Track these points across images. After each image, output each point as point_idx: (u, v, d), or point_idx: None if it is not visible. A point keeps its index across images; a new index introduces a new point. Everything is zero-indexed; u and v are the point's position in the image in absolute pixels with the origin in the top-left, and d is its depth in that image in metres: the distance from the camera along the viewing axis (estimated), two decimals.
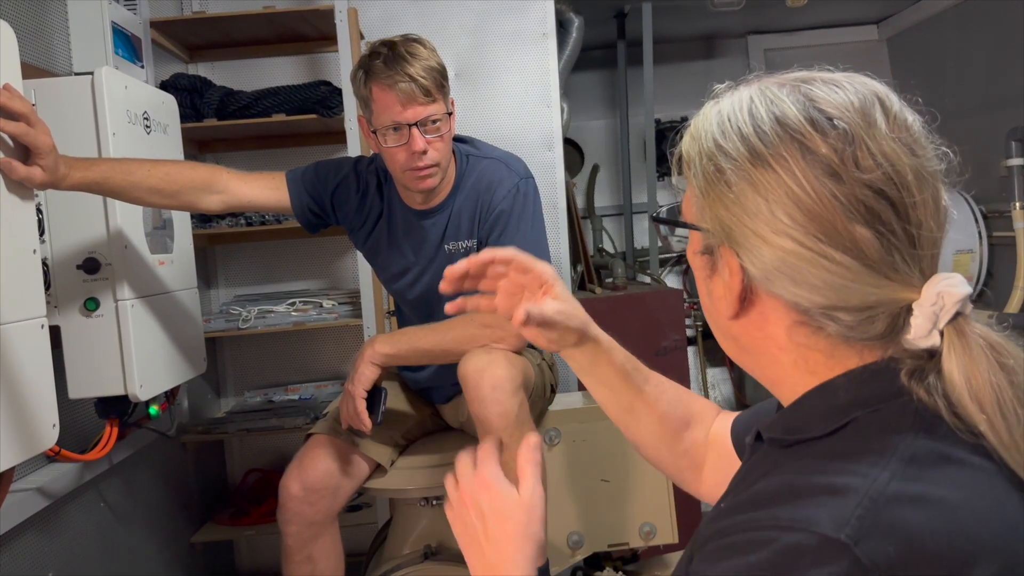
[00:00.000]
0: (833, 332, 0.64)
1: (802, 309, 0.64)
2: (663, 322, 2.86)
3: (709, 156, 0.66)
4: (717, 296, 0.70)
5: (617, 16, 3.76)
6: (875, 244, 0.60)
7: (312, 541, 1.75)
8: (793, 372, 0.67)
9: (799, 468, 0.60)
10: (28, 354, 1.31)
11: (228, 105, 2.47)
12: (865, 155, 0.60)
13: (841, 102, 0.63)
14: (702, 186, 0.67)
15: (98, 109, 1.65)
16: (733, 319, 0.69)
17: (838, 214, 0.60)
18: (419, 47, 1.61)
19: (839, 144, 0.61)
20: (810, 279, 0.61)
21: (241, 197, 1.73)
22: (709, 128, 0.67)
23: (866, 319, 0.62)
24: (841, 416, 0.62)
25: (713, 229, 0.67)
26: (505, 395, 1.56)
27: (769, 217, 0.62)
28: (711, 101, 0.70)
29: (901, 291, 0.61)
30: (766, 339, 0.68)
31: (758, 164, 0.63)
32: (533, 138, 2.69)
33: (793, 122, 0.63)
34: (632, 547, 2.02)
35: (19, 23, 1.77)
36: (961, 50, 3.45)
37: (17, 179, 1.31)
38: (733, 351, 0.74)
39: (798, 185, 0.61)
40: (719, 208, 0.65)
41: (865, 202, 0.60)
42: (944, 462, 0.58)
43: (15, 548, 1.64)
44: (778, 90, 0.65)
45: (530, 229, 1.73)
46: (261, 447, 2.83)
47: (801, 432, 0.65)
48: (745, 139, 0.64)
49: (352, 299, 2.58)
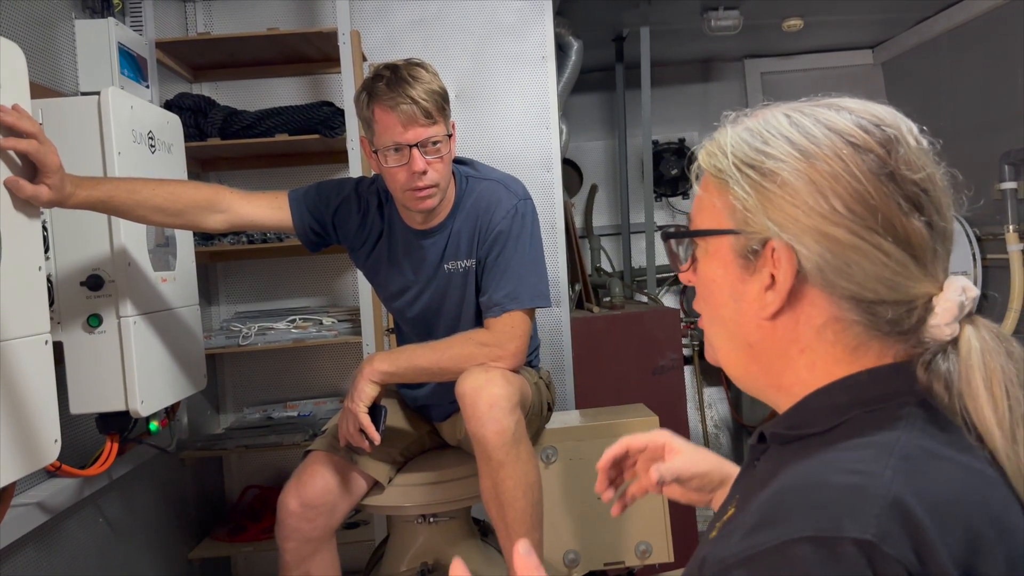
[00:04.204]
0: (867, 327, 0.67)
1: (845, 304, 0.67)
2: (660, 341, 2.88)
3: (751, 163, 0.69)
4: (750, 299, 0.71)
5: (615, 39, 3.81)
6: (925, 236, 0.65)
7: (310, 558, 1.76)
8: (807, 376, 0.70)
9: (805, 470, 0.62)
10: (31, 370, 1.32)
11: (231, 125, 2.49)
12: (911, 157, 0.67)
13: (880, 113, 0.69)
14: (747, 191, 0.69)
15: (104, 128, 1.67)
16: (768, 319, 0.70)
17: (894, 207, 0.65)
18: (421, 71, 1.64)
19: (890, 146, 0.66)
20: (864, 271, 0.66)
21: (244, 216, 1.75)
22: (741, 141, 0.71)
23: (906, 312, 0.67)
24: (840, 414, 0.66)
25: (763, 228, 0.69)
26: (502, 413, 1.58)
27: (828, 210, 0.66)
28: (728, 125, 0.74)
29: (932, 285, 0.67)
30: (791, 341, 0.70)
31: (814, 162, 0.67)
32: (532, 159, 2.73)
33: (843, 128, 0.67)
34: (628, 566, 2.02)
35: (27, 44, 1.80)
36: (955, 74, 3.49)
37: (24, 197, 1.33)
38: (741, 363, 0.75)
39: (855, 179, 0.65)
40: (771, 208, 0.68)
41: (915, 199, 0.66)
42: (936, 458, 0.61)
43: (14, 563, 1.65)
44: (814, 107, 0.71)
45: (528, 249, 1.75)
46: (260, 463, 2.84)
47: (802, 428, 0.68)
48: (794, 143, 0.68)
49: (352, 317, 2.60)
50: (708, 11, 3.34)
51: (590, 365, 2.80)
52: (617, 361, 2.84)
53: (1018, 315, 3.02)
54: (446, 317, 1.82)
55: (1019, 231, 3.03)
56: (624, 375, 2.82)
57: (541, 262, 1.78)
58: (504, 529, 1.64)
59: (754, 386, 0.75)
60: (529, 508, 1.62)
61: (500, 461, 1.59)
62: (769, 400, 0.75)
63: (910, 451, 0.61)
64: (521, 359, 1.73)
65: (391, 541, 1.95)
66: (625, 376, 2.82)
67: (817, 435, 0.67)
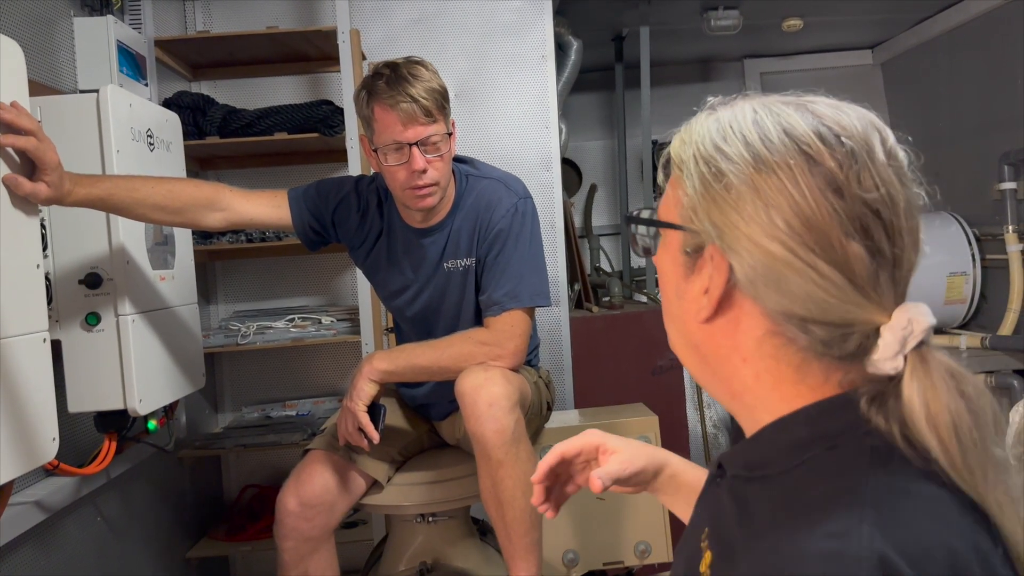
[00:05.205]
0: (805, 346, 0.64)
1: (779, 318, 0.64)
2: (659, 341, 2.84)
3: (707, 159, 0.67)
4: (690, 298, 0.70)
5: (615, 39, 3.81)
6: (865, 261, 0.61)
7: (308, 557, 1.75)
8: (755, 386, 0.68)
9: (779, 542, 0.59)
10: (29, 368, 1.32)
11: (230, 123, 2.49)
12: (867, 175, 0.62)
13: (846, 123, 0.64)
14: (696, 187, 0.67)
15: (103, 126, 1.67)
16: (704, 323, 0.69)
17: (835, 228, 0.61)
18: (421, 69, 1.64)
19: (845, 161, 0.62)
20: (794, 288, 0.62)
21: (243, 214, 1.75)
22: (707, 133, 0.68)
23: (840, 336, 0.63)
24: (800, 452, 0.63)
25: (703, 229, 0.67)
26: (502, 412, 1.58)
27: (766, 222, 0.62)
28: (705, 111, 0.71)
29: (877, 313, 0.62)
30: (732, 348, 0.68)
31: (762, 169, 0.64)
32: (532, 158, 2.72)
33: (801, 134, 0.64)
34: (627, 565, 2.02)
35: (26, 41, 1.80)
36: (954, 75, 3.49)
37: (23, 195, 1.33)
38: (692, 361, 0.74)
39: (800, 194, 0.62)
40: (714, 209, 0.66)
41: (862, 220, 0.61)
42: (904, 496, 0.59)
43: (12, 562, 1.64)
44: (783, 105, 0.67)
45: (528, 248, 1.75)
46: (258, 463, 2.83)
47: (761, 468, 0.66)
48: (749, 145, 0.65)
49: (351, 315, 2.59)
50: (708, 11, 3.33)
51: (589, 365, 2.79)
52: (616, 361, 2.84)
53: (1017, 315, 3.03)
54: (445, 316, 1.81)
55: (1018, 231, 3.03)
56: (623, 375, 2.82)
57: (541, 261, 1.78)
58: (503, 528, 1.63)
59: (709, 388, 0.74)
60: (528, 507, 1.62)
61: (499, 460, 1.58)
62: (725, 406, 0.73)
63: (880, 496, 0.58)
64: (521, 358, 1.73)
65: (390, 540, 1.95)
66: (624, 376, 2.82)
67: (777, 476, 0.64)
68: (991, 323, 3.18)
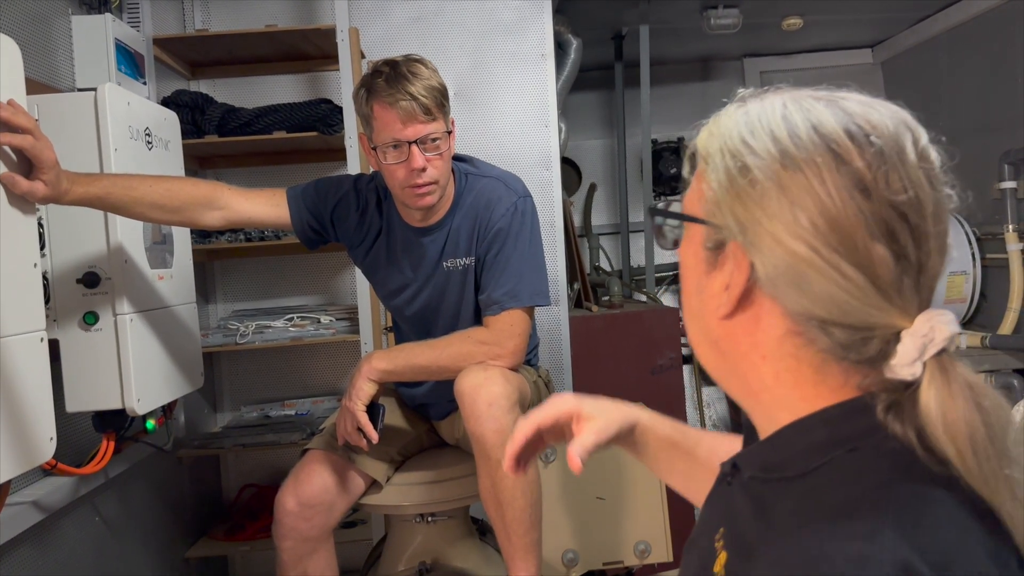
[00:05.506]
0: (824, 347, 0.63)
1: (800, 319, 0.63)
2: (659, 340, 2.88)
3: (734, 153, 0.65)
4: (711, 294, 0.69)
5: (615, 38, 3.81)
6: (889, 265, 0.60)
7: (307, 557, 1.75)
8: (774, 385, 0.67)
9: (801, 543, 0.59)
10: (27, 367, 1.31)
11: (229, 122, 2.48)
12: (896, 177, 0.61)
13: (877, 121, 0.63)
14: (722, 181, 0.66)
15: (101, 125, 1.66)
16: (725, 319, 0.68)
17: (860, 229, 0.60)
18: (420, 67, 1.63)
19: (874, 161, 0.61)
20: (816, 289, 0.61)
21: (242, 213, 1.74)
22: (735, 126, 0.67)
23: (860, 340, 0.62)
24: (820, 455, 0.62)
25: (726, 224, 0.66)
26: (501, 412, 1.57)
27: (790, 220, 0.61)
28: (735, 104, 0.70)
29: (899, 317, 0.61)
30: (751, 346, 0.67)
31: (788, 166, 0.62)
32: (531, 157, 2.72)
33: (830, 132, 0.62)
34: (627, 565, 2.02)
35: (24, 39, 1.79)
36: (955, 73, 3.49)
37: (20, 193, 1.32)
38: (710, 357, 0.73)
39: (826, 193, 0.60)
40: (738, 205, 0.65)
41: (888, 222, 0.60)
42: (925, 502, 0.58)
43: (10, 562, 1.64)
44: (814, 101, 0.65)
45: (527, 247, 1.75)
46: (257, 462, 2.83)
47: (780, 470, 0.65)
48: (777, 141, 0.63)
49: (350, 315, 2.59)
50: (707, 9, 3.33)
51: (589, 364, 2.79)
52: (616, 360, 2.84)
53: (1017, 315, 3.03)
54: (445, 315, 1.81)
55: (1018, 231, 3.04)
56: (623, 374, 2.82)
57: (541, 260, 1.78)
58: (503, 528, 1.63)
59: (726, 385, 0.73)
60: (528, 507, 1.61)
61: (499, 460, 1.58)
62: (741, 403, 0.72)
63: (902, 501, 0.58)
64: (520, 357, 1.72)
65: (389, 540, 1.95)
66: (624, 375, 2.82)
67: (797, 478, 0.63)
68: (991, 322, 3.18)
